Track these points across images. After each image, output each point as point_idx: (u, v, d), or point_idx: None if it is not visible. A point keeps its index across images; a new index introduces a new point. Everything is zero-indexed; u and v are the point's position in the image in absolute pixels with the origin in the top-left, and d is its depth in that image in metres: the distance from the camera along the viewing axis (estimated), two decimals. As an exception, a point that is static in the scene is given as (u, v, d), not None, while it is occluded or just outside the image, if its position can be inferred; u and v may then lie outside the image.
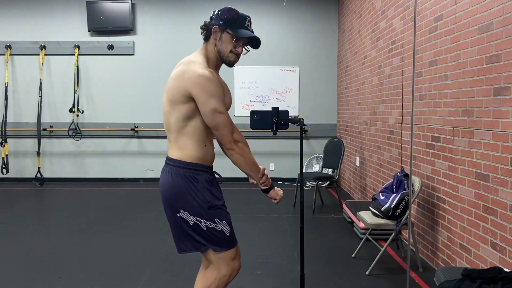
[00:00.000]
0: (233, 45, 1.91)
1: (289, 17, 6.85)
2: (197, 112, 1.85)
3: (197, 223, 1.88)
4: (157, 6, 6.81)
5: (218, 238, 1.90)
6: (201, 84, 1.79)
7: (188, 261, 3.37)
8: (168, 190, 1.90)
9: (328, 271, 3.25)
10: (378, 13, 4.72)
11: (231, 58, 1.93)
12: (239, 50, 1.94)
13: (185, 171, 1.88)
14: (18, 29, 6.82)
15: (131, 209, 5.16)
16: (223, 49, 1.91)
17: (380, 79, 4.65)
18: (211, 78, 1.81)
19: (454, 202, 2.99)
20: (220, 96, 1.83)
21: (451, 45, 3.03)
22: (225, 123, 1.84)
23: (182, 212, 1.88)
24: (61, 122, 6.85)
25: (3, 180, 6.86)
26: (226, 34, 1.90)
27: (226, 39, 1.90)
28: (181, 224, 1.90)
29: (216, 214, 1.90)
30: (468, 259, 2.80)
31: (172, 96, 1.85)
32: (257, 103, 6.75)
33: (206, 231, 1.89)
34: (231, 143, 1.87)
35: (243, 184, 6.55)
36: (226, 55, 1.92)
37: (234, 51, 1.92)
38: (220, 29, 1.90)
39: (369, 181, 5.03)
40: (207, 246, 1.91)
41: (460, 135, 2.90)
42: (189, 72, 1.82)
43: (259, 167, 1.97)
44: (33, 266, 3.33)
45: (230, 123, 1.87)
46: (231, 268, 1.95)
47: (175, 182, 1.88)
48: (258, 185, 2.03)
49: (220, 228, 1.90)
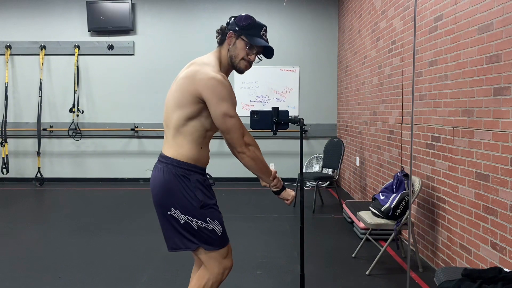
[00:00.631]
0: (246, 52, 1.93)
1: (289, 17, 6.85)
2: (201, 114, 1.85)
3: (188, 222, 1.87)
4: (157, 6, 6.81)
5: (209, 237, 1.90)
6: (213, 87, 1.79)
7: (188, 261, 3.37)
8: (159, 187, 1.89)
9: (328, 271, 3.25)
10: (378, 13, 4.72)
11: (242, 65, 1.95)
12: (251, 57, 1.94)
13: (178, 169, 1.87)
14: (18, 29, 6.82)
15: (131, 209, 5.16)
16: (236, 55, 1.93)
17: (380, 79, 4.65)
18: (223, 81, 1.82)
19: (454, 202, 2.99)
20: (231, 100, 1.84)
21: (451, 45, 3.03)
22: (236, 126, 1.84)
23: (173, 210, 1.87)
24: (61, 122, 6.85)
25: (3, 180, 6.86)
26: (241, 40, 1.92)
27: (240, 45, 1.92)
28: (172, 222, 1.89)
29: (208, 213, 1.89)
30: (468, 259, 2.80)
31: (181, 94, 1.85)
32: (257, 103, 6.76)
33: (198, 230, 1.88)
34: (242, 147, 1.87)
35: (243, 184, 6.55)
36: (237, 62, 1.94)
37: (246, 58, 1.94)
38: (235, 35, 1.92)
39: (369, 181, 5.03)
40: (198, 245, 1.90)
41: (460, 135, 2.90)
42: (201, 73, 1.82)
43: (270, 169, 1.97)
44: (33, 266, 3.33)
45: (241, 127, 1.86)
46: (223, 266, 1.95)
47: (166, 180, 1.87)
48: (270, 188, 2.03)
49: (211, 227, 1.90)
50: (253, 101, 6.74)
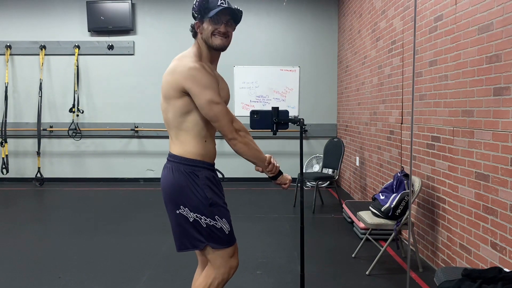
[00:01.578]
0: (213, 27, 1.86)
1: (289, 17, 6.85)
2: (194, 106, 1.84)
3: (197, 219, 1.87)
4: (157, 6, 6.81)
5: (217, 235, 1.90)
6: (193, 76, 1.78)
7: (188, 261, 3.37)
8: (169, 186, 1.90)
9: (328, 271, 3.25)
10: (378, 13, 4.72)
11: (216, 41, 1.87)
12: (221, 29, 1.87)
13: (186, 167, 1.87)
14: (18, 29, 6.82)
15: (131, 209, 5.16)
16: (207, 36, 1.88)
17: (380, 79, 4.65)
18: (202, 69, 1.80)
19: (454, 202, 2.99)
20: (214, 87, 1.81)
21: (451, 45, 3.03)
22: (223, 113, 1.82)
23: (182, 208, 1.88)
24: (61, 122, 6.85)
25: (3, 180, 6.86)
26: (205, 23, 1.87)
27: (206, 26, 1.87)
28: (181, 221, 1.90)
29: (216, 211, 1.90)
30: (468, 259, 2.80)
31: (167, 91, 1.85)
32: (257, 103, 6.75)
33: (206, 228, 1.88)
34: (232, 133, 1.84)
35: (243, 184, 6.55)
36: (210, 41, 1.88)
37: (216, 32, 1.87)
38: (200, 22, 1.89)
39: (369, 181, 5.03)
40: (206, 243, 1.90)
41: (460, 135, 2.90)
42: (180, 66, 1.81)
43: (264, 155, 1.95)
44: (33, 266, 3.33)
45: (228, 113, 1.84)
46: (229, 266, 1.95)
47: (176, 178, 1.88)
48: (265, 173, 2.01)
49: (219, 225, 1.90)
50: (253, 101, 6.74)
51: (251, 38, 6.82)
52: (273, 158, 2.03)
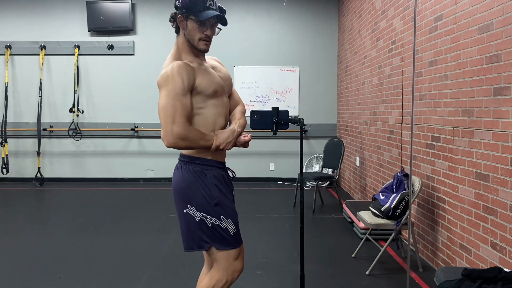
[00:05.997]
0: (200, 30, 1.85)
1: (289, 17, 6.85)
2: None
3: (203, 219, 1.87)
4: (157, 6, 6.81)
5: (222, 236, 1.89)
6: (162, 85, 1.96)
7: (188, 261, 3.37)
8: (178, 185, 1.91)
9: (328, 271, 3.25)
10: (378, 13, 4.72)
11: (202, 46, 1.89)
12: (208, 33, 1.87)
13: (195, 166, 1.89)
14: (18, 29, 6.82)
15: (131, 209, 5.16)
16: (192, 38, 1.87)
17: (380, 79, 4.65)
18: (168, 75, 1.89)
19: (454, 202, 2.99)
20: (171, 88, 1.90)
21: (451, 45, 3.03)
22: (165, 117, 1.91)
23: (189, 207, 1.88)
24: (61, 122, 6.85)
25: (3, 180, 6.86)
26: (190, 20, 1.85)
27: (191, 26, 1.85)
28: (188, 220, 1.90)
29: (222, 211, 1.89)
30: (468, 259, 2.80)
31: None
32: (257, 103, 6.76)
33: (211, 228, 1.88)
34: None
35: (243, 184, 6.55)
36: (196, 44, 1.88)
37: (203, 36, 1.86)
38: (184, 17, 1.86)
39: (369, 181, 5.03)
40: (210, 244, 1.89)
41: (460, 135, 2.90)
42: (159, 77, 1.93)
43: (209, 143, 1.84)
44: (33, 266, 3.33)
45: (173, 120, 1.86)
46: (233, 268, 1.93)
47: (185, 177, 1.89)
48: None
49: (225, 226, 1.89)
50: (253, 101, 6.75)
51: (251, 38, 6.82)
52: (227, 138, 1.89)
